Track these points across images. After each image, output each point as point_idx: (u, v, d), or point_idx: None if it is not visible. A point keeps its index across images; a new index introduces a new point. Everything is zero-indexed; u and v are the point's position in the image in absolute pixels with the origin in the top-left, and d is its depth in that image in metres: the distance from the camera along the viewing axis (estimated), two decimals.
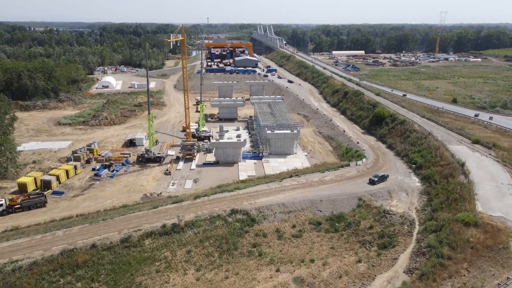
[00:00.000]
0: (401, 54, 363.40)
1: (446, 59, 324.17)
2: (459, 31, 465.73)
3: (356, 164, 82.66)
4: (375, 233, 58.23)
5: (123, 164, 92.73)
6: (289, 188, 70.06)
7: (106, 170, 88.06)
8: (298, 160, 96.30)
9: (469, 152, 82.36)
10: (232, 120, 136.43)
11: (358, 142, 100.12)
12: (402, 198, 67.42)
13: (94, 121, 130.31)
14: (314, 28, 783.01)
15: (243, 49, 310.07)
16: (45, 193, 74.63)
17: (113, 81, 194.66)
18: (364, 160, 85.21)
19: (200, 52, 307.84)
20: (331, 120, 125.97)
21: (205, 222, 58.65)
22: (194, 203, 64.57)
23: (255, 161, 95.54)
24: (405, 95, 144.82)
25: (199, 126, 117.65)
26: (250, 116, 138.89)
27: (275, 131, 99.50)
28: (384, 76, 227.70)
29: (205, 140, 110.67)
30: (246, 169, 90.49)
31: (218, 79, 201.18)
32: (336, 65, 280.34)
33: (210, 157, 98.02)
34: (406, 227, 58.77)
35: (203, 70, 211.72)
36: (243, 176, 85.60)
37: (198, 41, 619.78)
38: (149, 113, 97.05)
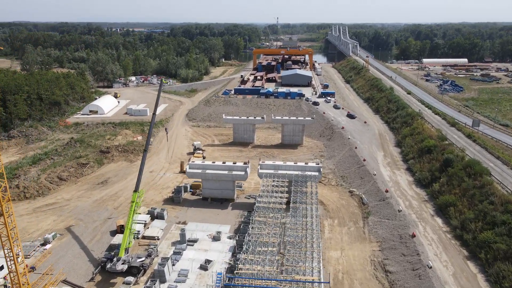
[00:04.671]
0: None
1: None
2: None
3: None
4: None
5: None
6: None
7: None
8: None
9: None
10: (225, 202, 75.69)
11: None
12: None
13: None
14: (401, 29, 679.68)
15: (302, 57, 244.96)
16: None
17: (107, 103, 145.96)
18: None
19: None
20: (413, 236, 58.57)
21: None
22: None
23: None
24: None
25: (128, 238, 57.04)
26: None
27: None
28: (505, 102, 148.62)
29: (126, 279, 52.13)
30: None
31: (247, 105, 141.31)
32: (427, 80, 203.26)
33: None
34: None
35: (232, 91, 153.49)
36: None
37: (267, 43, 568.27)
38: None
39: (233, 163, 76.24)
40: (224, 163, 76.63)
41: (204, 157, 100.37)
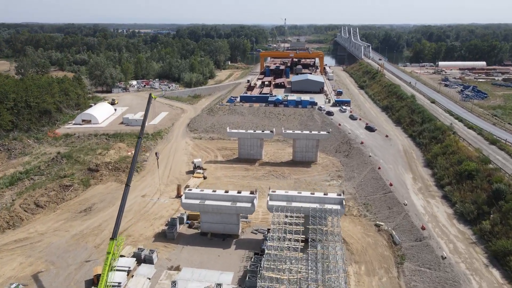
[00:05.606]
0: None
1: None
2: None
3: None
4: None
5: None
6: None
7: None
8: None
9: None
10: (228, 238, 63.35)
11: None
12: None
13: None
14: (411, 30, 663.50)
15: (311, 60, 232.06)
16: None
17: (102, 111, 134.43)
18: None
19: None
20: None
21: None
22: None
23: None
24: None
25: None
26: (268, 229, 63.81)
27: None
28: None
29: None
30: None
31: (254, 114, 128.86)
32: (446, 85, 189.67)
33: None
34: None
35: (237, 99, 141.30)
36: None
37: (275, 45, 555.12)
38: None
39: (238, 193, 63.79)
40: (226, 192, 64.20)
41: (205, 177, 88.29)
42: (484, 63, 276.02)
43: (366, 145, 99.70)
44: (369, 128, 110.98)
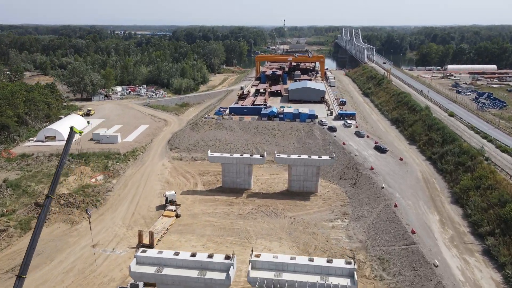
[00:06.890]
0: None
1: None
2: None
3: None
4: None
5: None
6: None
7: None
8: None
9: None
10: None
11: None
12: None
13: None
14: (413, 31, 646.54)
15: (311, 65, 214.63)
16: None
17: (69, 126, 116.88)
18: None
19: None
20: None
21: None
22: None
23: None
24: None
25: None
26: None
27: None
28: None
29: None
30: None
31: (244, 129, 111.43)
32: (458, 91, 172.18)
33: None
34: None
35: (226, 110, 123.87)
36: None
37: (274, 47, 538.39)
38: None
39: (209, 257, 46.31)
40: (193, 255, 46.71)
41: (178, 216, 71.05)
42: (495, 66, 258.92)
43: (377, 171, 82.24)
44: (379, 149, 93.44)
